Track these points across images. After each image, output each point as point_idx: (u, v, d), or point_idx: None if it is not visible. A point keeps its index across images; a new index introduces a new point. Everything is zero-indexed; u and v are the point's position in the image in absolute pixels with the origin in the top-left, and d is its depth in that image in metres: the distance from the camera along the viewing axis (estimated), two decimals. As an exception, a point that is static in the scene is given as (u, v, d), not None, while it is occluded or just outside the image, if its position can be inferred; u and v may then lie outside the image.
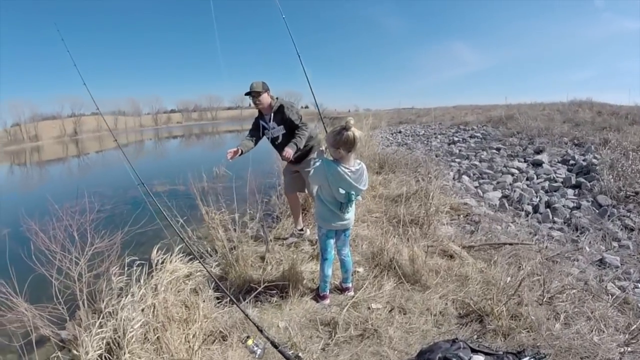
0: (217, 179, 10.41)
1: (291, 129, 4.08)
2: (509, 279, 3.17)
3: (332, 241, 3.12)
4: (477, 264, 3.66)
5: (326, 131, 4.40)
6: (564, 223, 5.12)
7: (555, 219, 5.22)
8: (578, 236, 4.66)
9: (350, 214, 3.03)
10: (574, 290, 3.06)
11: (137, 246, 4.54)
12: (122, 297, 3.09)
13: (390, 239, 3.84)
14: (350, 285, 3.33)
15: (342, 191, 2.81)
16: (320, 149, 3.26)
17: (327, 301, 3.23)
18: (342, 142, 2.67)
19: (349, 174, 2.74)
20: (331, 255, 3.15)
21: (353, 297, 3.20)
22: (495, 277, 3.27)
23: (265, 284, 3.29)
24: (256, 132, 4.27)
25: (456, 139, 14.60)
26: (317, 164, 2.90)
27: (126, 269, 3.60)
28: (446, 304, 3.07)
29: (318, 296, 3.27)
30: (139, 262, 3.60)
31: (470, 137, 14.57)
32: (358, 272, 3.65)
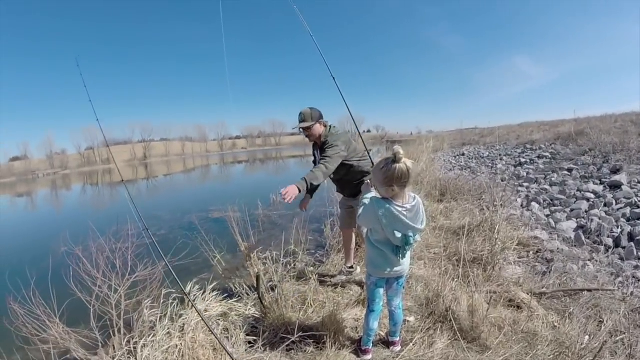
0: (274, 207, 10.32)
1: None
2: (586, 338, 2.64)
3: (382, 291, 2.69)
4: (548, 316, 3.07)
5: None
6: (652, 259, 4.40)
7: (641, 254, 4.50)
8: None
9: (407, 259, 2.58)
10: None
11: (179, 277, 4.44)
12: (145, 336, 3.02)
13: (448, 283, 3.37)
14: (397, 339, 2.88)
15: (398, 234, 2.34)
16: (367, 181, 2.89)
17: (369, 356, 2.80)
18: (396, 178, 2.22)
19: (405, 213, 2.30)
20: (379, 307, 2.72)
21: (399, 354, 2.77)
22: (571, 337, 2.71)
23: (300, 334, 2.91)
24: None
25: (523, 160, 13.66)
26: (366, 202, 2.51)
27: (162, 301, 3.58)
28: (509, 371, 2.52)
29: (359, 350, 2.84)
30: (175, 295, 3.58)
31: (539, 157, 13.60)
32: (408, 321, 3.20)
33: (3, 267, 6.40)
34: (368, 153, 3.82)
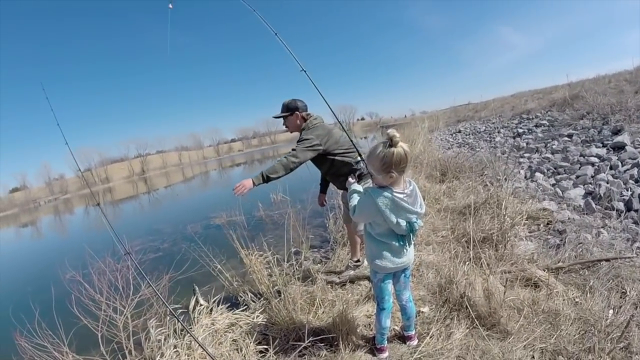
0: (275, 206, 10.19)
1: (316, 162, 3.67)
2: (611, 312, 2.51)
3: (390, 286, 2.53)
4: (568, 292, 2.91)
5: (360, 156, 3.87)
6: (667, 219, 4.23)
7: (656, 215, 4.33)
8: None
9: (411, 249, 2.43)
10: None
11: (182, 292, 4.39)
12: (156, 357, 2.98)
13: (460, 267, 3.22)
14: (412, 333, 2.73)
15: (402, 223, 2.20)
16: (349, 178, 2.71)
17: (385, 354, 2.66)
18: (394, 163, 2.06)
19: (406, 199, 2.17)
20: (389, 303, 2.57)
21: (417, 349, 2.63)
22: (594, 312, 2.56)
23: (312, 338, 2.76)
24: None
25: (521, 130, 13.43)
26: (359, 198, 2.37)
27: (168, 318, 3.54)
28: (533, 356, 2.36)
29: (375, 348, 2.70)
30: (181, 310, 3.64)
31: (536, 126, 13.39)
32: (422, 312, 3.05)
33: (6, 302, 6.31)
34: (355, 146, 3.64)
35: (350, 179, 2.68)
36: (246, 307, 3.78)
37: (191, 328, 3.18)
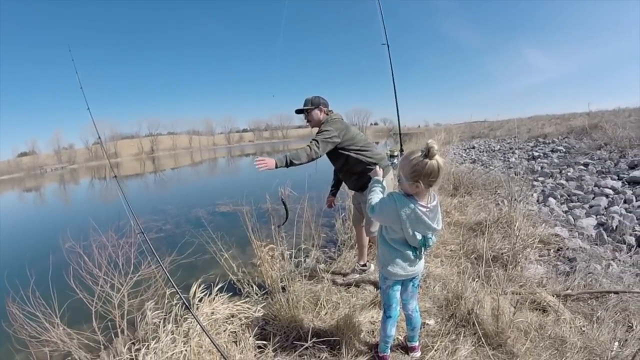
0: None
1: (331, 156, 3.68)
2: (616, 344, 2.49)
3: (398, 294, 2.49)
4: (575, 320, 2.89)
5: (401, 151, 3.84)
6: (678, 260, 4.18)
7: (666, 253, 4.28)
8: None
9: (422, 259, 2.40)
10: None
11: (183, 276, 4.32)
12: (149, 341, 2.90)
13: (469, 283, 3.20)
14: (416, 344, 2.70)
15: (418, 236, 2.18)
16: (376, 168, 2.69)
17: None
18: (424, 175, 2.00)
19: (427, 213, 2.11)
20: (396, 311, 2.53)
21: (420, 360, 2.61)
22: (600, 342, 2.54)
23: (314, 339, 2.74)
24: None
25: (536, 153, 13.36)
26: (383, 197, 2.32)
27: (166, 301, 3.49)
28: (539, 381, 2.33)
29: (377, 356, 2.67)
30: (180, 295, 3.39)
31: (552, 151, 13.32)
32: (428, 324, 3.03)
33: (2, 266, 6.30)
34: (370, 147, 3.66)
35: (377, 169, 2.64)
36: (248, 299, 3.75)
37: (191, 315, 3.17)
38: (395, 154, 3.64)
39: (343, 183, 4.06)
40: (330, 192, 4.26)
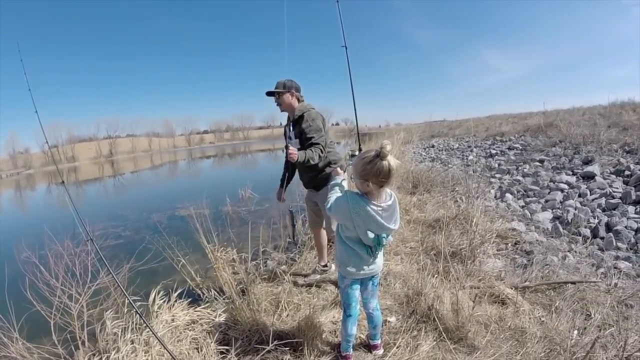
0: (242, 202, 10.06)
1: (304, 146, 3.55)
2: (575, 333, 2.54)
3: (357, 293, 2.48)
4: (534, 311, 2.95)
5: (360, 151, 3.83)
6: (630, 249, 4.34)
7: (619, 244, 4.44)
8: (651, 267, 3.87)
9: (380, 258, 2.38)
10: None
11: (143, 283, 4.17)
12: (110, 351, 2.79)
13: (428, 279, 3.21)
14: (378, 342, 2.68)
15: (370, 235, 2.15)
16: (336, 167, 2.68)
17: None
18: (374, 174, 2.01)
19: (380, 212, 2.11)
20: (356, 310, 2.51)
21: (382, 358, 2.59)
22: (560, 332, 2.59)
23: (276, 342, 2.68)
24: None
25: (494, 151, 13.72)
26: (338, 196, 2.29)
27: (125, 310, 3.34)
28: (500, 372, 2.35)
29: (340, 356, 2.63)
30: (140, 303, 3.31)
31: (509, 148, 13.70)
32: (389, 322, 3.02)
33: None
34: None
35: (339, 170, 2.63)
36: (208, 304, 3.65)
37: (150, 323, 3.05)
38: (356, 154, 3.62)
39: (294, 180, 3.99)
40: (280, 185, 4.05)
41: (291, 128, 3.63)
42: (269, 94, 3.61)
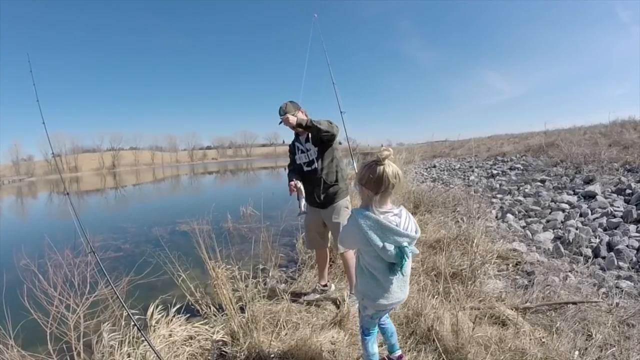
0: (244, 219, 10.05)
1: (324, 149, 3.57)
2: (576, 353, 2.52)
3: (376, 321, 2.39)
4: (535, 332, 2.92)
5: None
6: (632, 268, 4.31)
7: (621, 263, 4.42)
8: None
9: (406, 283, 2.22)
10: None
11: (141, 297, 4.16)
12: None
13: (428, 300, 3.19)
14: (399, 352, 2.59)
15: (390, 247, 1.93)
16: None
17: None
18: (367, 179, 1.94)
19: (390, 218, 1.98)
20: (375, 329, 2.41)
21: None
22: (561, 353, 2.55)
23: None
24: (293, 158, 3.81)
25: (495, 171, 13.74)
26: (344, 224, 2.21)
27: (123, 323, 3.33)
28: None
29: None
30: (138, 316, 3.25)
31: (510, 169, 13.72)
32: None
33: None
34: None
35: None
36: (207, 320, 3.62)
37: (148, 337, 3.04)
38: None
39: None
40: (289, 179, 3.73)
41: (308, 138, 3.62)
42: (283, 115, 3.55)
